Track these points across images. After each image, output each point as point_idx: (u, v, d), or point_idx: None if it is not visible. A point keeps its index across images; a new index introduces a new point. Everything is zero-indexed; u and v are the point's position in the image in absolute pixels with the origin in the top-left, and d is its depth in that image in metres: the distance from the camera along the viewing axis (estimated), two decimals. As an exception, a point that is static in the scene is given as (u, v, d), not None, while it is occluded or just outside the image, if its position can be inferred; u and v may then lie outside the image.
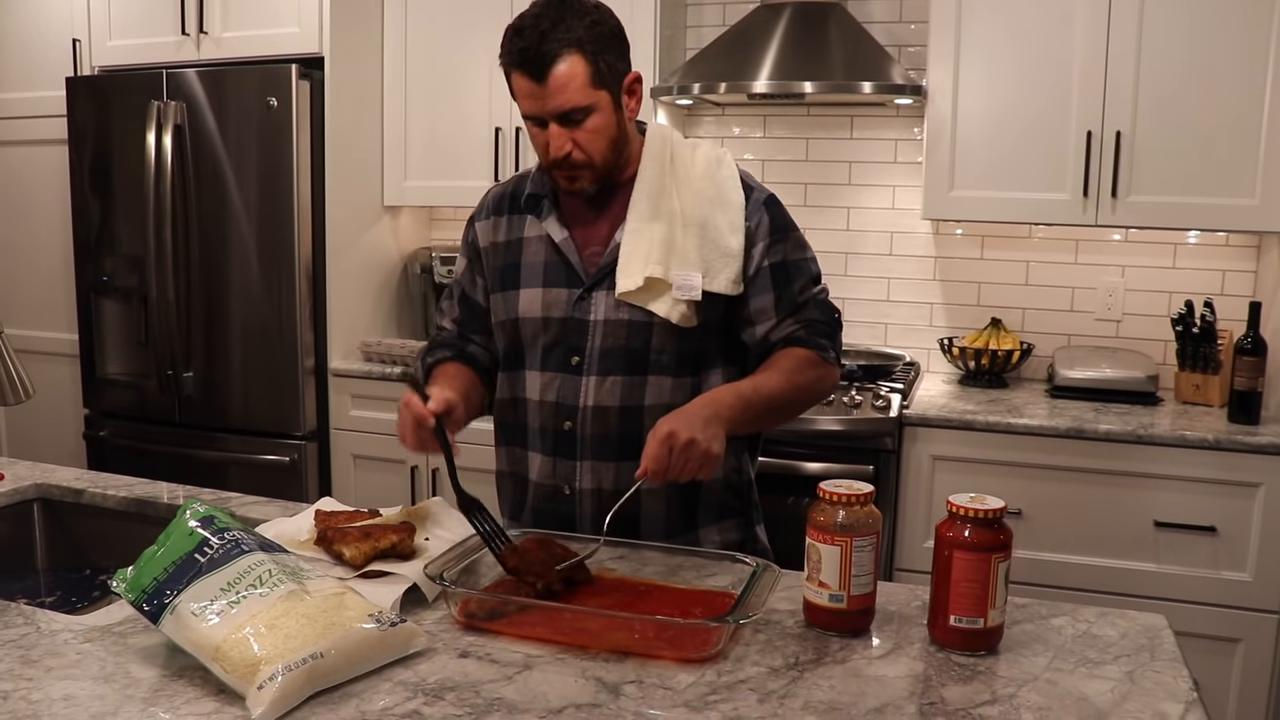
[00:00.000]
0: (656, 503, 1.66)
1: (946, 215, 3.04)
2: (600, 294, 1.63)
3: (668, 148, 1.67)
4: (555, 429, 1.65)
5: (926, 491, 2.76)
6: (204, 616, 1.16)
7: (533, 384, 1.68)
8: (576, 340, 1.64)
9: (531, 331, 1.67)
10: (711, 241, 1.61)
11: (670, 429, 1.44)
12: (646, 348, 1.62)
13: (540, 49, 1.51)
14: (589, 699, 1.14)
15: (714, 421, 1.48)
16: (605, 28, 1.56)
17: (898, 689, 1.18)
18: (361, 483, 3.36)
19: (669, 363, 1.63)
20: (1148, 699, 1.16)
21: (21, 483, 1.96)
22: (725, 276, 1.61)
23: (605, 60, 1.54)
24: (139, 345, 3.53)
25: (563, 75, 1.51)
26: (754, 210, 1.65)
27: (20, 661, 1.21)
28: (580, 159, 1.57)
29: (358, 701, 1.12)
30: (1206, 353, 2.88)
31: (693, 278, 1.59)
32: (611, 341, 1.62)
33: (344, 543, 1.45)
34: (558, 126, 1.55)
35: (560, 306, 1.64)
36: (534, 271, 1.67)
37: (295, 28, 3.26)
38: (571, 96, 1.52)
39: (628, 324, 1.62)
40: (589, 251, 1.66)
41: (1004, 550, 1.25)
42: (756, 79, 2.92)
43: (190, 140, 3.30)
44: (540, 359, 1.67)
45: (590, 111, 1.54)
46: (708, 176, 1.65)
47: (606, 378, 1.62)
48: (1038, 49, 2.85)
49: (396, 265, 3.70)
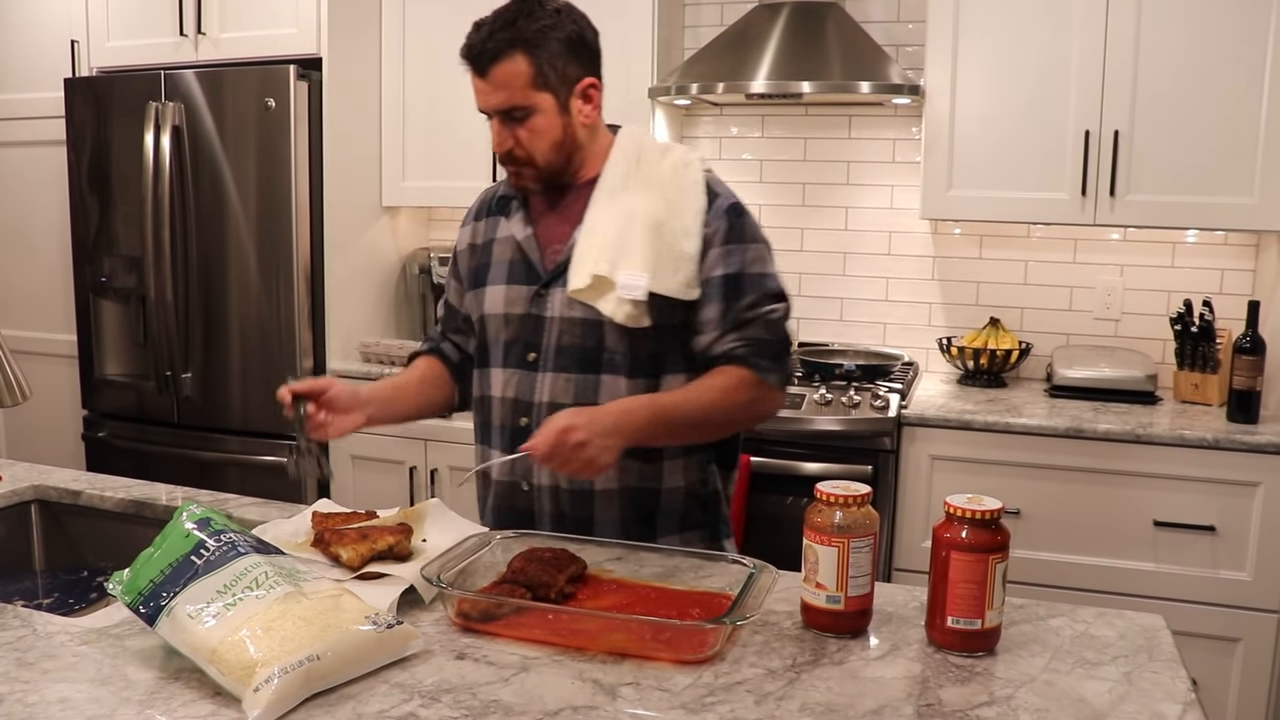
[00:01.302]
0: (610, 507, 1.67)
1: (945, 215, 3.04)
2: (557, 291, 1.66)
3: (636, 149, 1.69)
4: (513, 425, 1.68)
5: (925, 491, 2.76)
6: (200, 619, 1.15)
7: (497, 381, 1.71)
8: (534, 337, 1.67)
9: (495, 328, 1.71)
10: (665, 243, 1.61)
11: (571, 424, 1.44)
12: (600, 346, 1.63)
13: (485, 46, 1.57)
14: (586, 701, 1.14)
15: (616, 433, 1.47)
16: (560, 32, 1.59)
17: (895, 690, 1.18)
18: (360, 484, 3.36)
19: (621, 363, 1.63)
20: (1145, 700, 1.16)
21: (19, 484, 1.96)
22: (677, 280, 1.61)
23: (553, 63, 1.58)
24: (137, 346, 3.53)
25: (503, 73, 1.57)
26: (715, 217, 1.63)
27: (16, 664, 1.21)
28: (521, 156, 1.62)
29: (354, 704, 1.12)
30: (1205, 352, 2.88)
31: (638, 278, 1.59)
32: (567, 339, 1.64)
33: (341, 544, 1.45)
34: (499, 122, 1.61)
35: (520, 303, 1.68)
36: (500, 269, 1.72)
37: (293, 29, 3.26)
38: (511, 95, 1.58)
39: (581, 322, 1.64)
40: (551, 249, 1.69)
41: (1001, 551, 1.25)
42: (754, 79, 2.92)
43: (188, 141, 3.29)
44: (503, 356, 1.71)
45: (530, 111, 1.59)
46: (672, 179, 1.65)
47: (561, 375, 1.65)
48: (1035, 48, 2.85)
49: (395, 266, 3.69)
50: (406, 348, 3.31)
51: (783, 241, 3.45)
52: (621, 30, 3.17)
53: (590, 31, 1.64)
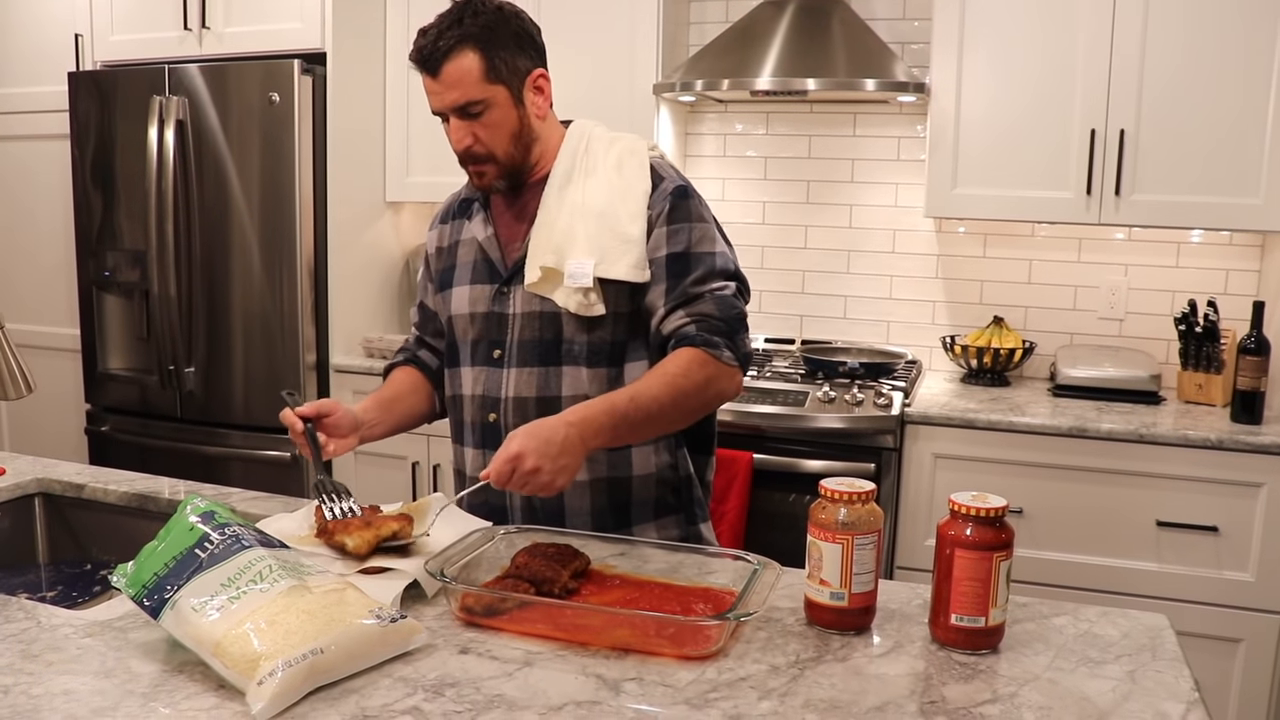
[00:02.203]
0: (580, 498, 1.68)
1: (949, 213, 3.03)
2: (517, 287, 1.69)
3: (584, 141, 1.71)
4: (482, 421, 1.71)
5: (928, 490, 2.75)
6: (204, 612, 1.15)
7: (466, 379, 1.74)
8: (498, 334, 1.70)
9: (462, 328, 1.75)
10: (609, 229, 1.63)
11: (519, 450, 1.40)
12: (559, 338, 1.66)
13: (435, 46, 1.59)
14: (589, 696, 1.14)
15: (570, 450, 1.43)
16: (505, 27, 1.62)
17: (899, 687, 1.18)
18: (362, 479, 3.36)
19: (580, 352, 1.65)
20: (1149, 699, 1.16)
21: (23, 477, 1.96)
22: (624, 262, 1.62)
23: (500, 56, 1.61)
24: (140, 340, 3.53)
25: (455, 70, 1.59)
26: (658, 199, 1.65)
27: (21, 656, 1.21)
28: (481, 152, 1.65)
29: (358, 698, 1.12)
30: (1209, 352, 2.87)
31: (585, 265, 1.61)
32: (528, 334, 1.67)
33: (346, 533, 1.45)
34: (457, 120, 1.63)
35: (484, 302, 1.71)
36: (465, 270, 1.76)
37: (298, 23, 3.26)
38: (466, 91, 1.60)
39: (539, 315, 1.66)
40: (510, 247, 1.72)
41: (1006, 549, 1.25)
42: (759, 76, 2.91)
43: (192, 136, 3.29)
44: (470, 354, 1.73)
45: (486, 105, 1.61)
46: (616, 165, 1.68)
47: (524, 369, 1.67)
48: (1041, 46, 2.84)
49: (398, 261, 3.69)
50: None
51: (787, 239, 3.46)
52: (627, 27, 3.18)
53: (532, 26, 1.68)
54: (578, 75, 3.21)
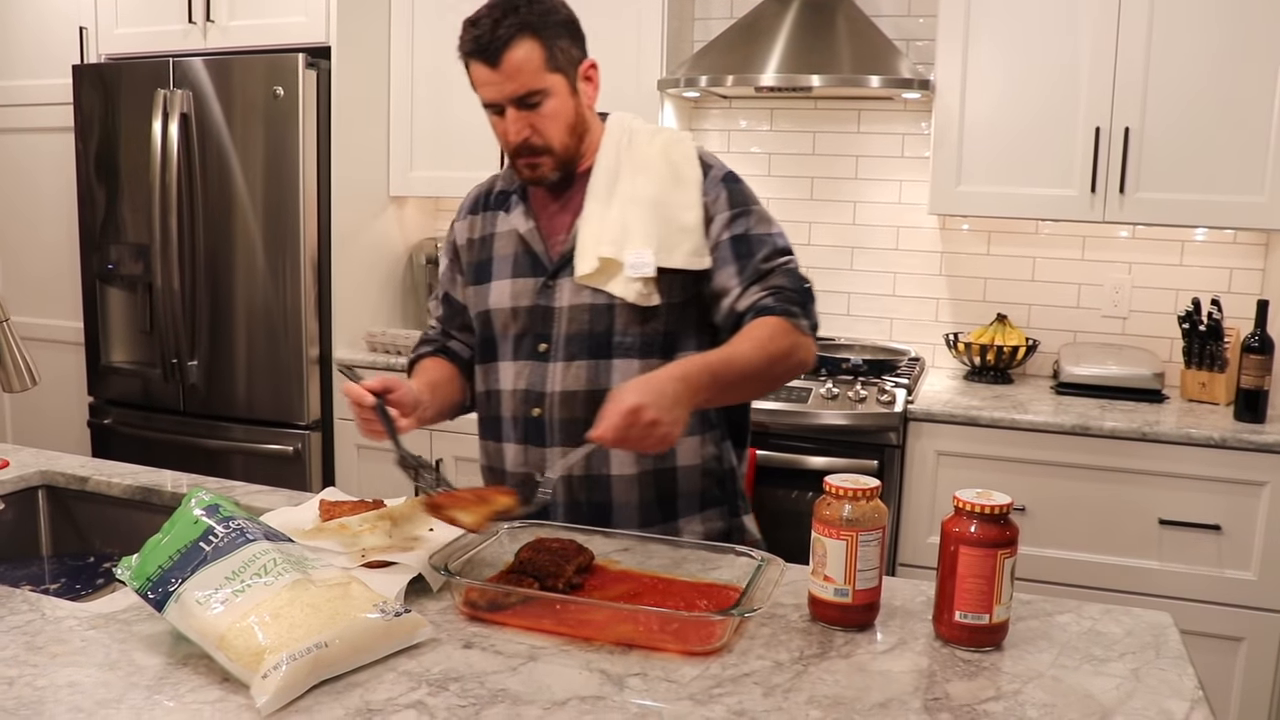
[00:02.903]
0: (628, 490, 1.66)
1: (953, 210, 3.03)
2: (564, 280, 1.66)
3: (626, 134, 1.70)
4: (525, 416, 1.68)
5: (930, 487, 2.75)
6: (209, 605, 1.16)
7: (506, 374, 1.71)
8: (543, 328, 1.67)
9: (502, 322, 1.71)
10: (665, 218, 1.63)
11: (638, 403, 1.37)
12: (610, 330, 1.64)
13: (494, 34, 1.56)
14: (593, 691, 1.14)
15: (682, 402, 1.42)
16: (557, 16, 1.61)
17: (903, 684, 1.18)
18: (365, 473, 3.36)
19: (633, 344, 1.64)
20: (1153, 696, 1.16)
21: (26, 469, 1.97)
22: (683, 250, 1.62)
23: (559, 45, 1.59)
24: (143, 334, 3.53)
25: (517, 59, 1.56)
26: (711, 186, 1.66)
27: (25, 648, 1.21)
28: (539, 143, 1.61)
29: (362, 691, 1.12)
30: (1213, 350, 2.87)
31: (644, 254, 1.60)
32: (576, 326, 1.65)
33: (460, 507, 1.40)
34: (515, 111, 1.60)
35: (527, 295, 1.68)
36: (504, 264, 1.72)
37: (302, 17, 3.26)
38: (527, 80, 1.57)
39: (590, 308, 1.64)
40: (554, 240, 1.70)
41: (1010, 546, 1.25)
42: (764, 72, 2.91)
43: (196, 129, 3.29)
44: (512, 349, 1.71)
45: (546, 95, 1.59)
46: (663, 156, 1.67)
47: (572, 362, 1.65)
48: (1046, 44, 2.84)
49: (402, 256, 3.70)
50: (413, 337, 3.31)
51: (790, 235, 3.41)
52: (632, 22, 3.17)
53: (575, 15, 1.66)
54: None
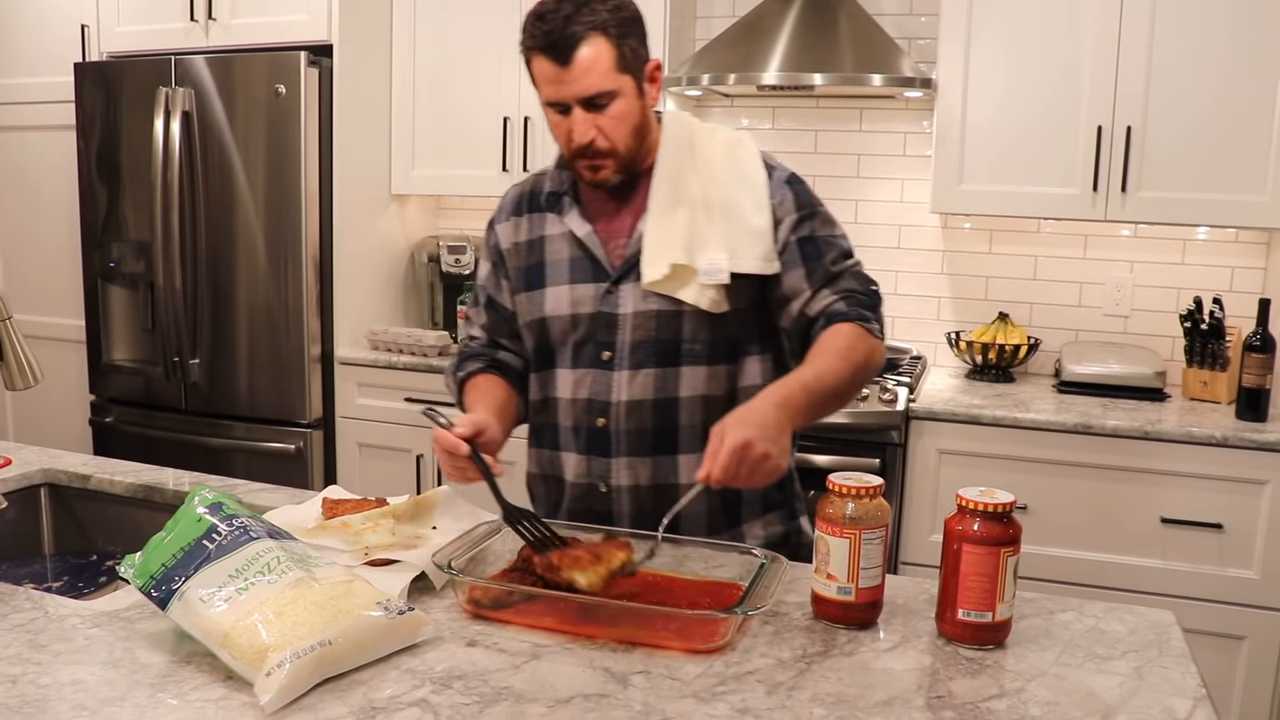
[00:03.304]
0: (697, 499, 1.58)
1: (955, 209, 3.03)
2: (628, 286, 1.60)
3: (686, 133, 1.64)
4: (588, 426, 1.63)
5: (932, 485, 2.75)
6: (212, 603, 1.16)
7: (564, 382, 1.65)
8: (606, 335, 1.61)
9: (560, 329, 1.64)
10: (736, 222, 1.57)
11: (746, 439, 1.33)
12: (678, 338, 1.58)
13: (565, 32, 1.48)
14: (597, 689, 1.14)
15: (785, 429, 1.39)
16: (627, 12, 1.54)
17: (906, 682, 1.18)
18: (367, 471, 3.36)
19: (702, 351, 1.59)
20: (1156, 694, 1.16)
21: (29, 468, 1.97)
22: (754, 255, 1.57)
23: (629, 45, 1.53)
24: (145, 332, 3.54)
25: (587, 59, 1.49)
26: (777, 188, 1.61)
27: (29, 646, 1.21)
28: (604, 146, 1.54)
29: (365, 689, 1.12)
30: (1215, 349, 2.87)
31: (718, 260, 1.55)
32: (642, 334, 1.59)
33: (576, 568, 1.31)
34: (582, 112, 1.53)
35: (588, 302, 1.61)
36: (559, 269, 1.64)
37: (304, 15, 3.26)
38: (596, 81, 1.50)
39: (657, 315, 1.58)
40: (614, 244, 1.63)
41: (1013, 545, 1.25)
42: (766, 70, 2.91)
43: (198, 127, 3.29)
44: (571, 357, 1.64)
45: (614, 96, 1.52)
46: (728, 157, 1.61)
47: (639, 371, 1.59)
48: (1048, 43, 2.84)
49: (403, 254, 3.70)
50: (414, 335, 3.31)
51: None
52: (633, 20, 3.17)
53: (641, 13, 1.61)
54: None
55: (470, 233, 3.76)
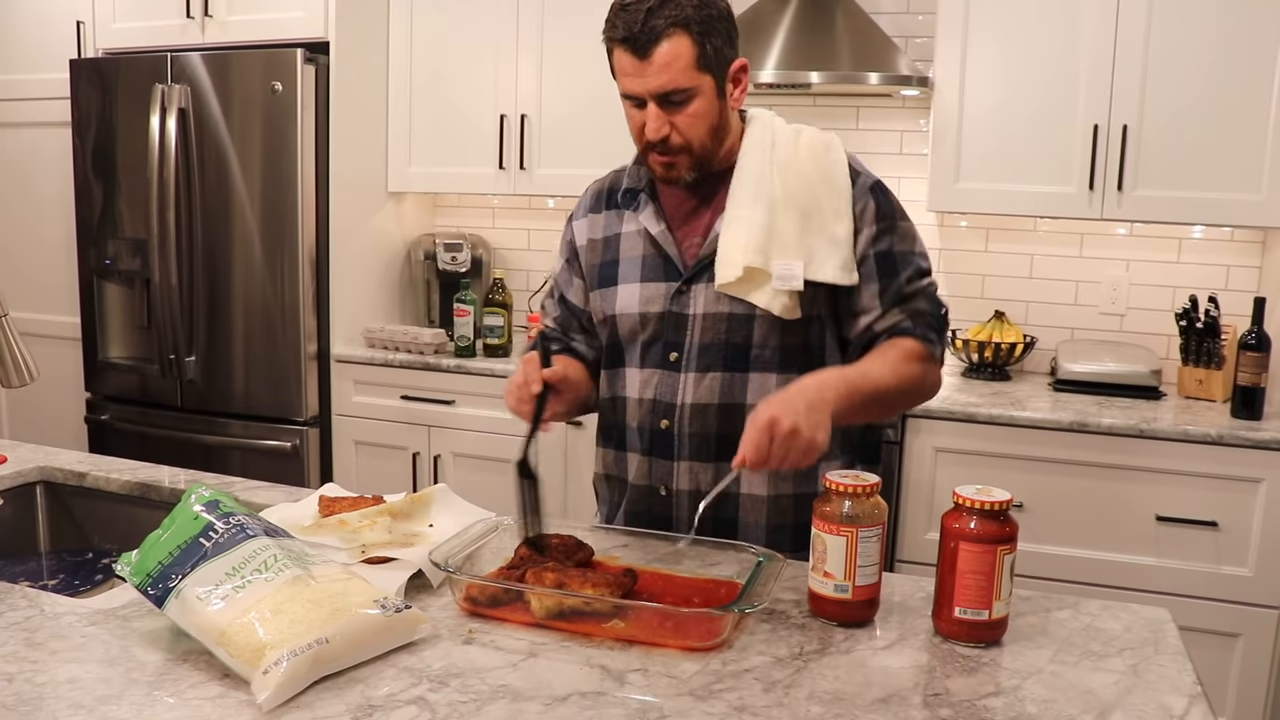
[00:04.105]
0: (756, 512, 1.59)
1: (952, 207, 3.03)
2: (699, 287, 1.57)
3: (769, 133, 1.60)
4: (653, 428, 1.61)
5: (929, 484, 2.76)
6: (209, 601, 1.15)
7: (632, 382, 1.63)
8: (675, 336, 1.59)
9: (630, 328, 1.63)
10: (815, 228, 1.54)
11: (772, 415, 1.33)
12: (748, 342, 1.56)
13: (646, 25, 1.46)
14: (594, 687, 1.14)
15: (819, 407, 1.36)
16: (714, 9, 1.50)
17: (903, 680, 1.18)
18: (363, 469, 3.36)
19: (771, 358, 1.56)
20: (1152, 692, 1.16)
21: (24, 465, 1.96)
22: (832, 264, 1.53)
23: (712, 43, 1.49)
24: (141, 329, 3.53)
25: (667, 54, 1.47)
26: (860, 195, 1.57)
27: (25, 644, 1.21)
28: (678, 143, 1.52)
29: (363, 687, 1.12)
30: (1210, 348, 2.88)
31: (794, 266, 1.52)
32: (711, 336, 1.57)
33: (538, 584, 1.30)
34: (656, 108, 1.50)
35: (659, 301, 1.60)
36: (632, 267, 1.63)
37: (301, 12, 3.25)
38: (674, 77, 1.48)
39: (728, 317, 1.56)
40: (688, 244, 1.61)
41: (1010, 543, 1.25)
42: (763, 68, 2.91)
43: (194, 124, 3.29)
44: (640, 356, 1.63)
45: (692, 95, 1.50)
46: (812, 160, 1.57)
47: (705, 374, 1.57)
48: (1045, 41, 2.84)
49: (400, 251, 3.69)
50: (410, 333, 3.31)
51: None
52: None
53: (731, 11, 1.55)
54: (583, 69, 3.21)
55: (467, 230, 3.75)
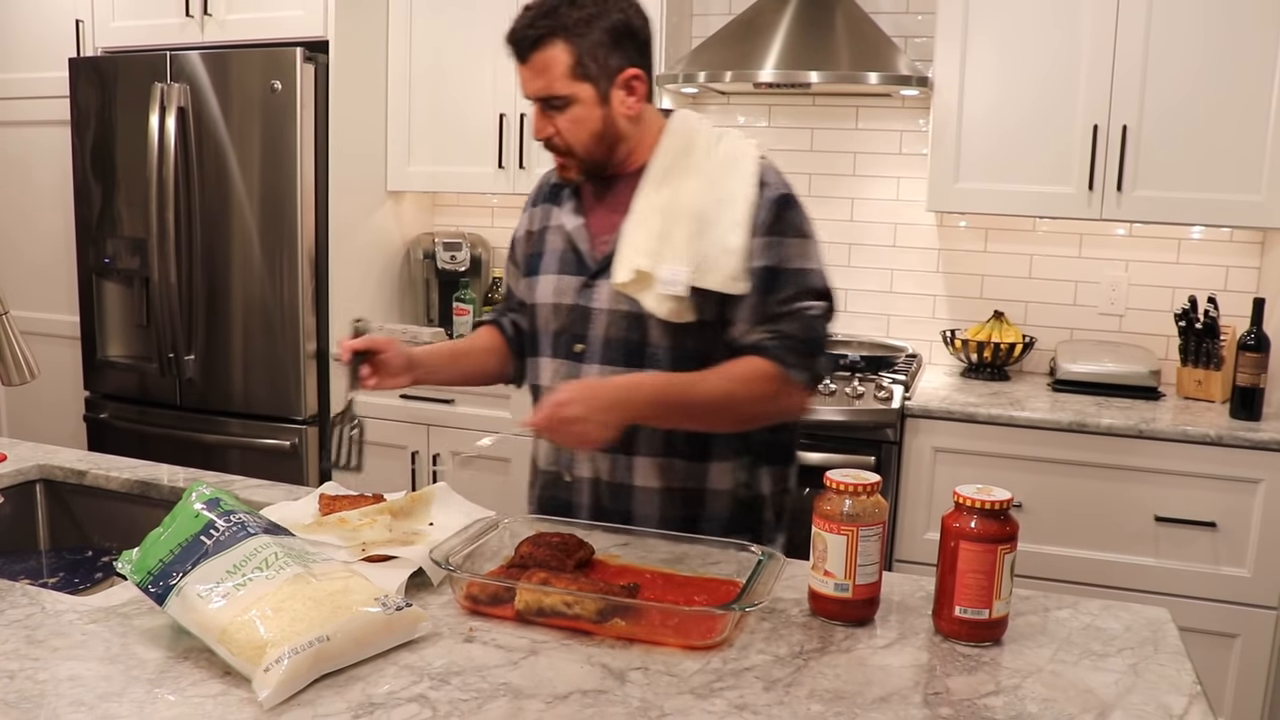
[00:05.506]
0: (649, 504, 1.64)
1: (951, 207, 3.03)
2: (604, 283, 1.62)
3: (685, 139, 1.62)
4: None
5: (928, 483, 2.76)
6: (210, 599, 1.16)
7: (545, 371, 1.70)
8: (581, 328, 1.64)
9: (544, 318, 1.70)
10: (709, 236, 1.55)
11: (567, 398, 1.43)
12: (644, 341, 1.60)
13: (526, 32, 1.55)
14: (595, 685, 1.14)
15: (618, 406, 1.45)
16: (605, 21, 1.54)
17: (903, 679, 1.18)
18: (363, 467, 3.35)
19: (664, 358, 1.59)
20: (1152, 691, 1.16)
21: (24, 463, 1.96)
22: (721, 273, 1.54)
23: (594, 54, 1.55)
24: (140, 328, 3.53)
25: (541, 61, 1.55)
26: (764, 206, 1.57)
27: (26, 642, 1.21)
28: (560, 145, 1.60)
29: (364, 685, 1.12)
30: (1209, 348, 2.88)
31: (679, 272, 1.54)
32: (613, 331, 1.61)
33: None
34: (539, 110, 1.60)
35: (569, 293, 1.66)
36: (552, 259, 1.69)
37: (300, 10, 3.25)
38: (549, 83, 1.56)
39: (626, 315, 1.60)
40: (601, 240, 1.65)
41: (1010, 542, 1.25)
42: (762, 68, 2.91)
43: (193, 123, 3.29)
44: (551, 346, 1.69)
45: (569, 101, 1.56)
46: (721, 167, 1.59)
47: (607, 368, 1.62)
48: (1045, 41, 2.84)
49: (399, 250, 3.69)
50: (409, 332, 3.31)
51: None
52: (630, 17, 3.17)
53: (639, 20, 1.59)
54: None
55: (466, 229, 3.75)
